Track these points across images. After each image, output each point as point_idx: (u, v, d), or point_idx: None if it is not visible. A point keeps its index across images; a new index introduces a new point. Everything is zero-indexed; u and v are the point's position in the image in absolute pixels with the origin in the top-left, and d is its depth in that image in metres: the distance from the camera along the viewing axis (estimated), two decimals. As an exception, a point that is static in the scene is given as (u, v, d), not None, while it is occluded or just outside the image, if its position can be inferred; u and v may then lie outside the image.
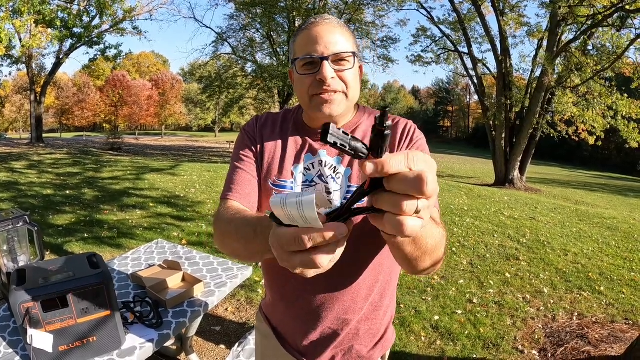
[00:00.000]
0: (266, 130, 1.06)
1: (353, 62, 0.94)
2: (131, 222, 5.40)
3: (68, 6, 16.18)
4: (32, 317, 1.22)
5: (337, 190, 0.97)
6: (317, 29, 0.93)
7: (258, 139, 1.05)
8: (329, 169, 0.98)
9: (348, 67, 0.94)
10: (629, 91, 12.84)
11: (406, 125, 1.01)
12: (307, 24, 0.96)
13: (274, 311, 1.13)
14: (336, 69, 0.92)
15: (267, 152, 1.04)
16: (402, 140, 0.98)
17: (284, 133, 1.05)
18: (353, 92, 0.96)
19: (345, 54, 0.93)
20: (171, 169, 10.71)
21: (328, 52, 0.91)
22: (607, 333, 3.08)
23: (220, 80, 19.24)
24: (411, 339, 2.85)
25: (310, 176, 1.00)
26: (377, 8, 17.84)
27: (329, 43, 0.92)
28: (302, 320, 1.04)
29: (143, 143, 30.26)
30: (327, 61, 0.91)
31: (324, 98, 0.93)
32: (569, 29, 13.22)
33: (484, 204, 7.96)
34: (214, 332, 2.82)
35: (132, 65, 59.79)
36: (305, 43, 0.93)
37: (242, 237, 0.79)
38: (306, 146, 1.02)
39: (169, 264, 1.92)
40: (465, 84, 64.00)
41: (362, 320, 1.04)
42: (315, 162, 1.00)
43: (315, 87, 0.93)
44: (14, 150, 16.17)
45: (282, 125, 1.07)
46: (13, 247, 1.72)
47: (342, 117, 1.00)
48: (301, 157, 1.01)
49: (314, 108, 0.95)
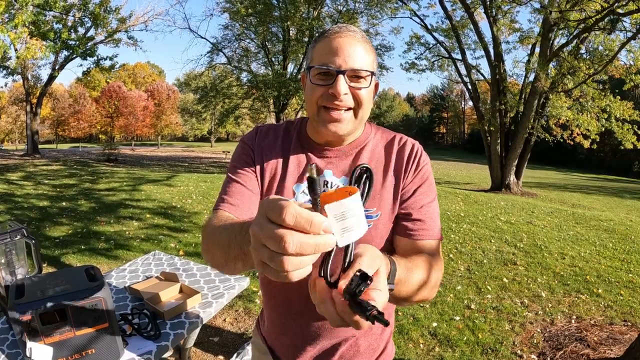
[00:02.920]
0: (267, 143, 1.02)
1: (370, 81, 0.91)
2: (128, 233, 5.39)
3: (63, 17, 16.22)
4: (31, 330, 1.22)
5: None
6: (339, 40, 0.89)
7: (257, 152, 1.01)
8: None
9: (364, 85, 0.90)
10: (622, 93, 12.97)
11: (413, 148, 0.99)
12: (331, 32, 0.92)
13: (270, 326, 1.10)
14: (351, 85, 0.89)
15: (267, 168, 1.00)
16: (410, 165, 0.97)
17: (286, 147, 1.02)
18: (364, 112, 0.93)
19: (363, 72, 0.89)
20: (167, 179, 10.70)
21: (346, 66, 0.87)
22: (605, 335, 3.09)
23: (215, 90, 19.29)
24: (410, 346, 2.85)
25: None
26: (370, 16, 18.02)
27: (349, 57, 0.88)
28: (301, 337, 1.02)
29: (139, 154, 30.24)
30: (344, 76, 0.87)
31: (333, 116, 0.90)
32: (561, 34, 13.36)
33: (480, 209, 7.99)
34: (212, 343, 2.81)
35: (127, 75, 59.89)
36: (325, 52, 0.90)
37: (224, 240, 0.74)
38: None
39: (166, 276, 1.92)
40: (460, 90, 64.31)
41: (362, 336, 1.02)
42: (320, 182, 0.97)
43: (325, 99, 0.90)
44: (9, 161, 16.12)
45: (285, 138, 1.03)
46: (11, 260, 1.72)
47: (349, 134, 0.96)
48: (304, 176, 0.97)
49: (320, 123, 0.92)
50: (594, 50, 13.10)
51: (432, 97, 73.00)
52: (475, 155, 46.54)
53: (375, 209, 0.94)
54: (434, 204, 0.98)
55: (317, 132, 0.97)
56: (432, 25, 15.90)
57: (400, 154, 0.98)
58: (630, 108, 12.48)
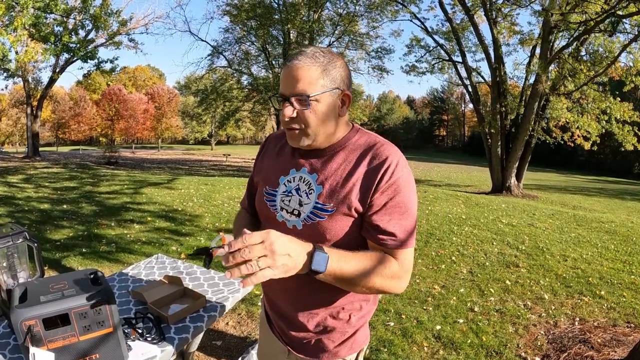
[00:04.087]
0: (270, 147, 1.28)
1: (314, 103, 1.02)
2: (129, 236, 5.37)
3: (64, 20, 16.23)
4: (34, 335, 1.21)
5: (307, 204, 1.09)
6: (287, 69, 1.03)
7: (259, 160, 1.31)
8: (305, 185, 1.11)
9: (305, 107, 1.02)
10: (622, 94, 12.96)
11: (386, 161, 1.05)
12: (285, 62, 1.07)
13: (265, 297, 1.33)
14: (298, 108, 1.03)
15: (266, 166, 1.26)
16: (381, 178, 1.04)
17: (282, 149, 1.23)
18: (314, 130, 1.05)
19: (300, 97, 1.02)
20: (168, 182, 10.69)
21: (288, 92, 1.03)
22: (609, 337, 3.08)
23: (216, 93, 19.31)
24: (414, 349, 2.84)
25: (289, 187, 1.14)
26: (370, 19, 18.05)
27: (292, 84, 1.02)
28: (279, 307, 1.22)
29: (139, 157, 30.25)
30: (288, 101, 1.03)
31: (289, 133, 1.09)
32: (561, 36, 13.37)
33: (481, 211, 7.98)
34: (215, 347, 2.80)
35: (128, 78, 60.00)
36: (281, 81, 1.06)
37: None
38: (294, 161, 1.16)
39: (169, 279, 1.91)
40: (460, 93, 64.47)
41: (329, 318, 1.15)
42: (296, 177, 1.14)
43: (283, 121, 1.06)
44: (10, 164, 16.13)
45: (283, 142, 1.23)
46: (13, 263, 1.71)
47: (317, 142, 1.09)
48: (288, 171, 1.17)
49: (287, 138, 1.12)
50: (594, 52, 13.11)
51: (432, 100, 73.07)
52: (475, 158, 46.54)
53: (331, 204, 1.06)
54: (407, 215, 1.05)
55: None
56: (433, 28, 15.98)
57: (371, 163, 1.07)
58: (630, 109, 12.48)
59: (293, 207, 1.12)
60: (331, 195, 1.07)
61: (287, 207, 1.13)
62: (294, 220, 1.11)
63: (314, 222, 1.07)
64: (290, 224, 1.11)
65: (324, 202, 1.07)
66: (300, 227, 1.09)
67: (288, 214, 1.12)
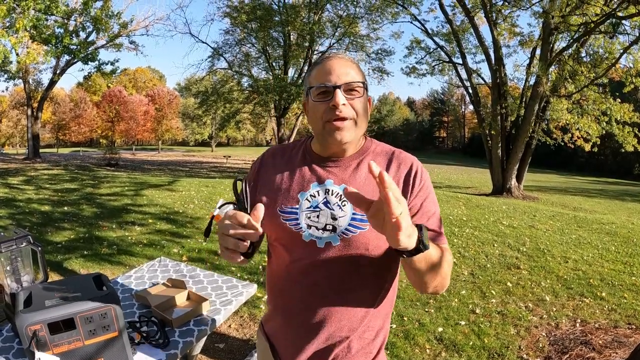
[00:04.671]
0: (273, 165, 1.17)
1: (362, 92, 1.04)
2: (131, 238, 5.38)
3: (65, 21, 16.25)
4: (39, 340, 1.21)
5: (343, 217, 1.04)
6: (330, 62, 1.04)
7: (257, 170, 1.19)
8: (335, 197, 1.06)
9: (357, 96, 1.03)
10: (622, 95, 12.97)
11: (413, 165, 1.10)
12: (322, 58, 1.08)
13: (272, 324, 1.17)
14: (347, 97, 1.02)
15: (274, 184, 1.14)
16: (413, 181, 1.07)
17: (292, 163, 1.15)
18: (362, 120, 1.05)
19: (355, 84, 1.03)
20: (169, 184, 10.70)
21: (340, 81, 1.02)
22: (610, 338, 3.08)
23: (216, 94, 19.32)
24: (416, 351, 2.84)
25: (315, 202, 1.07)
26: (371, 21, 18.07)
27: (341, 74, 1.02)
28: (297, 334, 1.08)
29: (140, 158, 30.26)
30: (340, 89, 1.01)
31: (336, 125, 1.02)
32: (561, 37, 13.38)
33: (482, 213, 7.98)
34: (217, 350, 2.80)
35: (128, 80, 60.07)
36: (320, 75, 1.04)
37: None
38: (314, 175, 1.10)
39: (173, 283, 1.91)
40: (460, 94, 64.53)
41: (354, 339, 1.07)
42: (320, 190, 1.08)
43: (328, 113, 1.02)
44: (11, 165, 16.14)
45: (291, 155, 1.17)
46: (16, 267, 1.71)
47: (351, 144, 1.08)
48: (308, 185, 1.09)
49: (327, 134, 1.04)
50: (594, 53, 13.12)
51: (433, 101, 73.15)
52: (475, 159, 46.54)
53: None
54: (437, 212, 1.10)
55: (323, 146, 1.10)
56: (433, 30, 15.95)
57: (399, 169, 1.09)
58: (630, 110, 12.48)
59: (325, 222, 1.05)
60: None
61: (316, 224, 1.05)
62: (328, 236, 1.04)
63: (354, 234, 1.03)
64: (322, 241, 1.04)
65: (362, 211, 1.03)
66: (336, 242, 1.03)
67: (319, 231, 1.05)
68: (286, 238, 1.08)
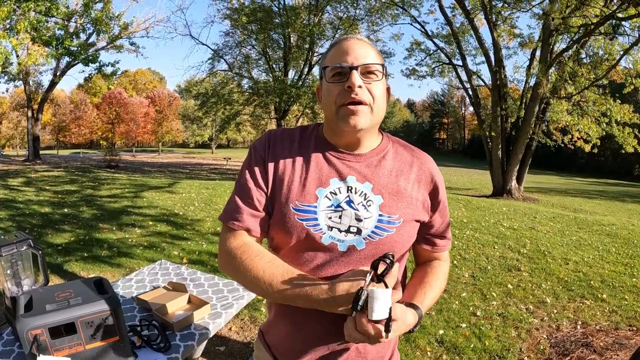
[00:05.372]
0: (282, 148, 1.02)
1: (381, 76, 0.97)
2: (130, 240, 5.37)
3: (65, 23, 16.26)
4: (40, 344, 1.21)
5: (369, 218, 0.96)
6: (348, 42, 0.98)
7: (270, 158, 1.01)
8: (360, 196, 0.97)
9: (376, 79, 0.96)
10: (622, 96, 12.98)
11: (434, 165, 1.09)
12: (339, 38, 1.01)
13: (275, 333, 1.08)
14: (365, 81, 0.94)
15: (286, 173, 0.99)
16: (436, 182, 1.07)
17: (304, 151, 1.02)
18: (379, 107, 0.97)
19: (373, 66, 0.96)
20: (169, 186, 10.70)
21: (357, 62, 0.94)
22: (611, 340, 3.07)
23: (216, 96, 19.33)
24: (417, 354, 2.84)
25: (336, 201, 0.96)
26: (371, 23, 18.07)
27: (359, 55, 0.95)
28: (307, 343, 1.00)
29: (140, 160, 30.27)
30: (356, 71, 0.93)
31: (351, 109, 0.93)
32: (561, 39, 13.39)
33: (483, 215, 7.97)
34: (218, 353, 2.80)
35: (128, 82, 60.14)
36: (337, 55, 0.97)
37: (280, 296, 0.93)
38: (333, 169, 0.99)
39: (173, 286, 1.91)
40: (460, 96, 64.55)
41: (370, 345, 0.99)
42: (342, 187, 0.97)
43: (342, 96, 0.94)
44: (11, 167, 16.14)
45: (301, 142, 1.04)
46: (17, 270, 1.71)
47: (368, 134, 1.00)
48: (327, 181, 0.98)
49: (340, 119, 0.95)
50: (594, 54, 13.13)
51: (433, 103, 73.24)
52: (475, 161, 46.57)
53: (397, 215, 0.98)
54: (447, 214, 1.12)
55: (336, 133, 1.00)
56: (433, 32, 15.97)
57: (421, 169, 1.05)
58: (630, 111, 12.49)
59: (348, 223, 0.95)
60: (393, 204, 0.98)
61: (338, 225, 0.95)
62: (352, 239, 0.95)
63: (381, 237, 0.95)
64: (344, 245, 0.95)
65: (389, 213, 0.97)
66: (362, 246, 0.95)
67: (342, 233, 0.95)
68: (301, 240, 0.96)
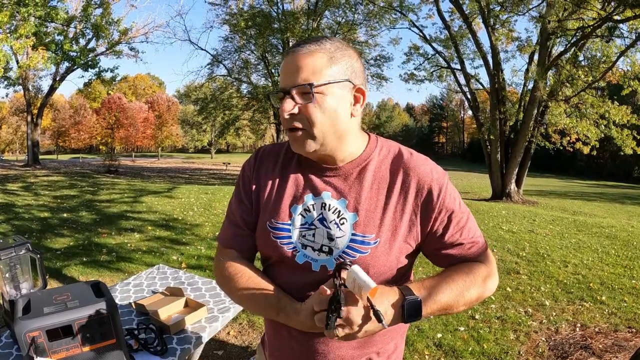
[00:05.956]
0: (266, 168, 1.00)
1: (312, 96, 0.84)
2: (130, 245, 5.37)
3: (65, 28, 16.33)
4: (37, 346, 1.22)
5: (341, 237, 0.89)
6: (287, 58, 0.88)
7: (254, 179, 1.00)
8: (333, 213, 0.90)
9: (307, 101, 0.84)
10: (620, 98, 13.01)
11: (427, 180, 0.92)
12: (289, 49, 0.90)
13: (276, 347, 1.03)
14: (300, 103, 0.85)
15: (265, 191, 0.97)
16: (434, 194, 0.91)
17: (284, 168, 0.98)
18: (321, 130, 0.86)
19: (302, 88, 0.84)
20: (168, 191, 10.71)
21: (289, 84, 0.85)
22: (610, 342, 3.07)
23: (216, 101, 19.38)
24: (415, 357, 2.84)
25: (310, 218, 0.92)
26: (369, 27, 18.17)
27: (292, 74, 0.85)
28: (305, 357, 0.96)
29: (139, 165, 30.28)
30: (289, 95, 0.85)
31: (292, 136, 0.89)
32: (559, 42, 13.44)
33: (482, 218, 7.98)
34: (216, 357, 2.80)
35: (128, 87, 60.24)
36: (280, 73, 0.90)
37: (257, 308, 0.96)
38: (308, 185, 0.94)
39: (171, 291, 1.91)
40: (459, 100, 64.77)
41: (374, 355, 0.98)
42: (317, 204, 0.92)
43: (283, 120, 0.88)
44: (10, 172, 16.15)
45: (285, 159, 1.00)
46: (15, 274, 1.71)
47: (333, 149, 0.90)
48: (302, 197, 0.93)
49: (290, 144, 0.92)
50: (592, 57, 13.18)
51: (432, 107, 73.47)
52: (475, 164, 46.64)
53: (373, 235, 0.88)
54: (468, 218, 0.97)
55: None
56: (431, 36, 16.01)
57: (410, 174, 0.91)
58: (628, 113, 12.52)
59: (321, 242, 0.90)
60: (370, 223, 0.89)
61: (312, 244, 0.90)
62: (324, 259, 0.89)
63: (352, 258, 0.87)
64: (317, 264, 0.90)
65: (363, 232, 0.88)
66: (332, 267, 0.88)
67: (315, 252, 0.90)
68: (277, 258, 0.94)
